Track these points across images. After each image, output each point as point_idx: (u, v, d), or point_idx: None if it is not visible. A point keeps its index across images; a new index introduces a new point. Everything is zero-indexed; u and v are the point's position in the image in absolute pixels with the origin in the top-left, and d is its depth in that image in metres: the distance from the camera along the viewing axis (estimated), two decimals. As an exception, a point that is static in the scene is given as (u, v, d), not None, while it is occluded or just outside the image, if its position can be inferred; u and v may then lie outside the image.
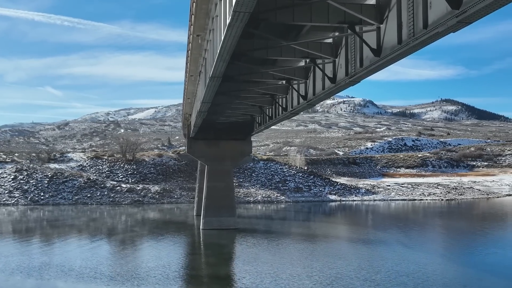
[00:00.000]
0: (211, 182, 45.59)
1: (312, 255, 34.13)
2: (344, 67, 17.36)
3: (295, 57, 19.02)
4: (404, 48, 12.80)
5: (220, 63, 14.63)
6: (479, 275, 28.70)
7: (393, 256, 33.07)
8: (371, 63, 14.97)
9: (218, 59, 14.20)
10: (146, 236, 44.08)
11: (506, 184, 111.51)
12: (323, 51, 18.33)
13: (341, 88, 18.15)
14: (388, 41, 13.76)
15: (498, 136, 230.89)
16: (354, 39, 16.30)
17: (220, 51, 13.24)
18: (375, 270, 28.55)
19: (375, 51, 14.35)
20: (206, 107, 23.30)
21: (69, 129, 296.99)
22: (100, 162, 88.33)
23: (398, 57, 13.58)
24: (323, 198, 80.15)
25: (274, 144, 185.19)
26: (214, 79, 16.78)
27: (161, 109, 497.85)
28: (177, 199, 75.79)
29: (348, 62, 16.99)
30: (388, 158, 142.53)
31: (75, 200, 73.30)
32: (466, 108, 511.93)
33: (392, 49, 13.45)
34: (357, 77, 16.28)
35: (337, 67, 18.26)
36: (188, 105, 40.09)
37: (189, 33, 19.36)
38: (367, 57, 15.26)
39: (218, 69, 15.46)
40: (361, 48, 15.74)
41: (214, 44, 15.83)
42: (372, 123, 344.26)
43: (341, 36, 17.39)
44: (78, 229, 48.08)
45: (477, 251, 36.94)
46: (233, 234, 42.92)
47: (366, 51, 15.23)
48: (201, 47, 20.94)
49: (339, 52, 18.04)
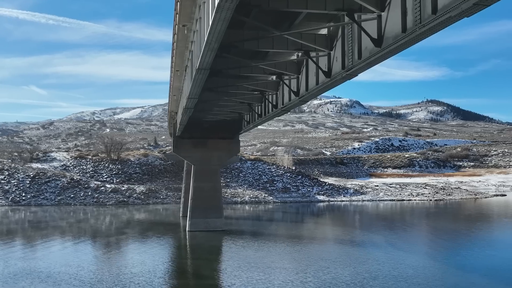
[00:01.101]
0: (198, 183, 44.21)
1: (305, 258, 32.92)
2: (340, 59, 16.22)
3: (287, 49, 17.81)
4: (410, 36, 11.69)
5: (208, 53, 13.34)
6: (481, 280, 27.71)
7: (389, 260, 32.02)
8: (370, 55, 13.85)
9: (206, 47, 12.92)
10: (130, 239, 42.59)
11: (492, 184, 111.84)
12: (318, 43, 17.17)
13: (337, 82, 16.99)
14: (390, 30, 12.65)
15: (483, 136, 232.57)
16: (352, 29, 15.17)
17: (208, 38, 11.97)
18: (373, 275, 27.36)
19: (376, 41, 13.23)
20: (192, 103, 21.98)
21: (53, 128, 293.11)
22: (84, 162, 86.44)
23: (402, 46, 12.46)
24: (311, 198, 79.16)
25: (261, 144, 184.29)
26: (201, 71, 15.49)
27: (148, 109, 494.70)
28: (163, 200, 74.25)
29: (345, 54, 15.85)
30: (375, 158, 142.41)
31: (58, 200, 71.44)
32: (451, 109, 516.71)
33: (395, 38, 12.33)
34: (355, 70, 15.14)
35: (332, 60, 17.12)
36: (174, 102, 38.72)
37: (175, 23, 18.03)
38: (366, 48, 14.14)
39: (205, 60, 14.18)
40: (360, 39, 14.62)
41: (201, 33, 14.58)
42: (359, 123, 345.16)
43: (337, 26, 16.26)
44: (60, 231, 46.41)
45: (474, 254, 35.94)
46: (220, 236, 41.57)
47: (366, 41, 14.11)
48: (187, 39, 19.63)
49: (335, 44, 16.91)
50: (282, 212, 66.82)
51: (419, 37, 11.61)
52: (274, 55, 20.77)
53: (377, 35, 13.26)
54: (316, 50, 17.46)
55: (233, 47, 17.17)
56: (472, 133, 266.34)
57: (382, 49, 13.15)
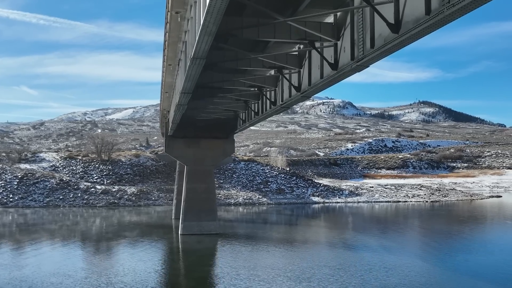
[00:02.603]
0: (191, 184, 42.58)
1: (304, 264, 31.21)
2: (348, 50, 14.78)
3: (290, 39, 16.29)
4: (435, 19, 10.24)
5: (205, 38, 11.79)
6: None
7: (394, 265, 30.60)
8: (385, 42, 12.41)
9: (202, 31, 11.36)
10: (120, 243, 40.86)
11: (486, 185, 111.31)
12: (324, 31, 15.70)
13: (345, 75, 15.52)
14: (410, 13, 11.22)
15: (476, 137, 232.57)
16: (363, 15, 13.74)
17: (205, 19, 10.46)
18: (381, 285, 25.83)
19: (393, 26, 11.79)
20: (186, 98, 20.41)
21: (44, 129, 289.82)
22: (74, 163, 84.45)
23: (424, 31, 11.00)
24: (306, 200, 77.78)
25: (254, 145, 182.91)
26: (196, 61, 13.95)
27: (140, 109, 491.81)
28: (154, 201, 72.54)
29: (355, 44, 14.42)
30: (369, 159, 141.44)
31: (46, 202, 69.57)
32: (443, 110, 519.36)
33: (416, 21, 10.89)
34: (366, 60, 13.70)
35: (339, 51, 15.67)
36: (166, 100, 37.10)
37: (167, 10, 16.45)
38: (381, 35, 12.71)
39: (201, 47, 12.64)
40: (372, 25, 13.18)
41: (197, 18, 13.06)
42: (352, 124, 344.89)
43: (346, 12, 14.82)
44: (47, 235, 44.57)
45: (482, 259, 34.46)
46: (214, 240, 39.93)
47: (380, 27, 12.68)
48: (180, 28, 18.09)
49: (342, 33, 15.45)
50: (276, 214, 65.31)
51: (446, 19, 10.18)
52: (274, 47, 19.30)
53: (394, 19, 11.83)
54: (321, 40, 16.00)
55: (231, 35, 15.68)
56: (465, 134, 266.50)
57: (400, 35, 11.72)
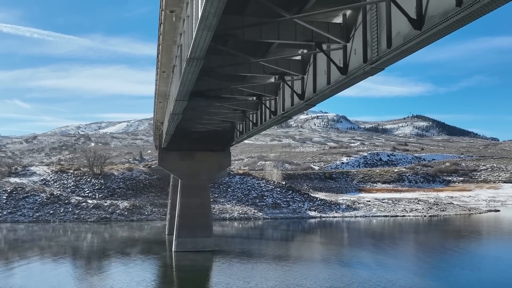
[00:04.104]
0: (185, 198, 40.93)
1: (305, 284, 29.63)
2: (360, 52, 13.45)
3: (295, 40, 15.01)
4: (468, 10, 8.92)
5: (203, 33, 10.32)
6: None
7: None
8: (405, 41, 11.09)
9: (201, 25, 9.87)
10: (112, 260, 39.07)
11: (482, 199, 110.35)
12: (332, 32, 14.39)
13: (355, 79, 14.16)
14: (437, 6, 9.90)
15: (470, 151, 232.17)
16: (377, 12, 12.44)
17: (205, 9, 9.00)
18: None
19: (415, 22, 10.48)
20: (181, 106, 18.95)
21: (37, 142, 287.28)
22: (65, 176, 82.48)
23: (454, 26, 9.66)
24: (303, 214, 76.15)
25: (249, 159, 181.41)
26: (193, 62, 12.51)
27: (133, 123, 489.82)
28: (147, 216, 70.67)
29: (368, 45, 13.10)
30: (364, 173, 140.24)
31: (36, 217, 67.64)
32: (436, 124, 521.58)
33: (444, 15, 9.58)
34: (382, 61, 12.38)
35: (349, 54, 14.35)
36: (160, 110, 35.67)
37: (161, 10, 15.05)
38: (399, 33, 11.39)
39: (199, 44, 11.20)
40: (389, 22, 11.86)
41: (195, 12, 11.67)
42: (346, 138, 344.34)
43: (357, 10, 13.54)
44: (36, 252, 42.73)
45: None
46: (209, 258, 38.11)
47: (399, 24, 11.37)
48: (175, 30, 16.73)
49: (353, 34, 14.16)
50: (273, 229, 63.63)
51: (482, 10, 8.87)
52: (276, 52, 17.97)
53: (416, 14, 10.52)
54: (330, 41, 14.69)
55: (231, 36, 14.30)
56: (459, 148, 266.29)
57: (423, 32, 10.40)
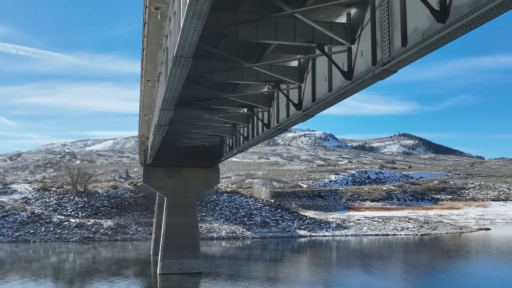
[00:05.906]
0: (171, 217, 39.02)
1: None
2: (368, 53, 12.03)
3: (295, 41, 13.59)
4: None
5: (193, 22, 8.71)
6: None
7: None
8: (424, 37, 9.68)
9: (190, 12, 8.32)
10: (93, 282, 36.97)
11: (471, 217, 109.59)
12: (335, 32, 12.98)
13: (363, 84, 12.69)
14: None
15: (457, 169, 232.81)
16: (389, 8, 11.04)
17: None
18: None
19: (438, 13, 9.09)
20: (166, 116, 17.31)
21: (21, 160, 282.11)
22: (47, 194, 79.83)
23: (488, 15, 8.28)
24: (292, 233, 74.29)
25: (236, 177, 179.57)
26: (180, 61, 10.89)
27: (120, 141, 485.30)
28: (132, 236, 68.28)
29: (377, 45, 11.66)
30: (353, 191, 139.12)
31: (15, 237, 64.95)
32: (423, 142, 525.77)
33: (475, 4, 8.19)
34: (396, 62, 10.93)
35: (355, 56, 12.93)
36: (145, 124, 33.98)
37: (145, 7, 13.48)
38: (417, 28, 9.97)
39: (188, 38, 9.60)
40: (404, 18, 10.46)
41: (182, 5, 10.17)
42: (333, 156, 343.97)
43: (363, 9, 12.17)
44: (14, 273, 40.35)
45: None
46: (196, 280, 36.15)
47: (416, 19, 9.97)
48: (161, 31, 15.16)
49: (359, 34, 12.75)
50: (261, 249, 61.68)
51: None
52: (271, 57, 16.54)
53: (439, 5, 9.13)
54: (332, 43, 13.29)
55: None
56: (446, 166, 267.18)
57: (448, 25, 9.00)
